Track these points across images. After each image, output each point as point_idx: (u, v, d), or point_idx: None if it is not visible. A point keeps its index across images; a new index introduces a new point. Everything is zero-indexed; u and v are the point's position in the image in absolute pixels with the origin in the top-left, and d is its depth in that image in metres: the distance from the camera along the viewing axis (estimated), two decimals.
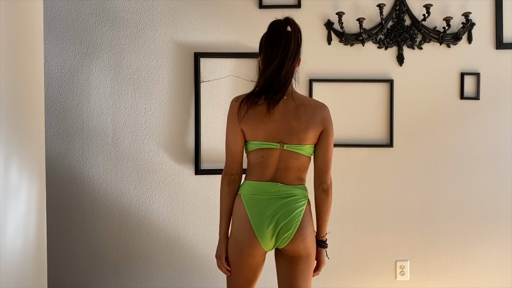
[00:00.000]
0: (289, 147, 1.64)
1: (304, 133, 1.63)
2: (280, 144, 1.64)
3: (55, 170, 2.50)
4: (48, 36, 2.48)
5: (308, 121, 1.63)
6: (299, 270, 1.69)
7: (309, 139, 1.64)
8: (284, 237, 1.64)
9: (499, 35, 2.52)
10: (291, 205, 1.64)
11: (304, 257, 1.68)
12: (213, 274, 2.54)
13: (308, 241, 1.66)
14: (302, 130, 1.63)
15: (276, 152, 1.65)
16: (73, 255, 2.53)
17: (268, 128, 1.64)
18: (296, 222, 1.63)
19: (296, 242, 1.65)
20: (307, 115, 1.64)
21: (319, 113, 1.65)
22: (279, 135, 1.64)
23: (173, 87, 2.52)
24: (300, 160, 1.66)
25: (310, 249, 1.68)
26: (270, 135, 1.64)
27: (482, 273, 2.58)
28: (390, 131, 2.53)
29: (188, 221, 2.54)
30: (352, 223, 2.57)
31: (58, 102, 2.51)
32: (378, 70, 2.54)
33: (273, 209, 1.64)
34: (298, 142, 1.64)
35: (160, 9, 2.52)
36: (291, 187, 1.66)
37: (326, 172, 1.67)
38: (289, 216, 1.63)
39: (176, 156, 2.53)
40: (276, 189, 1.65)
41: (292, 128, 1.63)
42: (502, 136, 2.56)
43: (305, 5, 2.53)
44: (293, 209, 1.64)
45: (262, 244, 1.65)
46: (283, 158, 1.65)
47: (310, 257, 1.70)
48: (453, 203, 2.57)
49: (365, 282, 2.57)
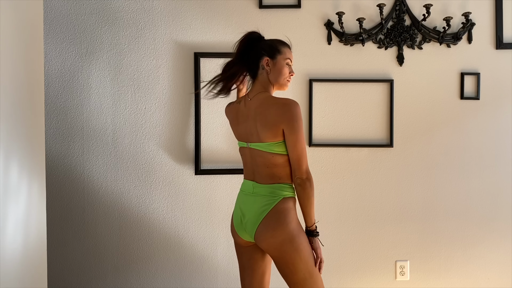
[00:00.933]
0: (252, 145, 1.75)
1: (262, 131, 1.70)
2: (247, 143, 1.78)
3: (55, 170, 2.50)
4: (48, 36, 2.48)
5: (264, 120, 1.70)
6: (283, 274, 1.71)
7: (267, 137, 1.70)
8: (249, 234, 1.75)
9: (499, 35, 2.52)
10: (258, 204, 1.72)
11: (278, 259, 1.68)
12: (213, 274, 2.54)
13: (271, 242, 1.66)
14: (260, 128, 1.71)
15: (246, 150, 1.79)
16: (73, 255, 2.53)
17: (239, 128, 1.82)
18: (255, 221, 1.70)
19: (258, 241, 1.72)
20: (265, 114, 1.71)
21: (277, 111, 1.68)
22: (246, 134, 1.78)
23: (173, 87, 2.52)
24: (264, 157, 1.72)
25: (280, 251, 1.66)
26: (241, 135, 1.81)
27: (482, 273, 2.58)
28: (390, 131, 2.53)
29: (188, 221, 2.54)
30: (352, 223, 2.57)
31: (58, 102, 2.51)
32: (378, 70, 2.54)
33: (246, 205, 1.76)
34: (258, 140, 1.73)
35: (160, 9, 2.52)
36: (263, 186, 1.73)
37: (298, 168, 1.68)
38: (253, 214, 1.72)
39: (176, 156, 2.53)
40: (251, 187, 1.76)
41: (253, 127, 1.73)
42: (502, 136, 2.56)
43: (305, 5, 2.53)
44: (258, 207, 1.71)
45: (240, 234, 1.79)
46: (252, 156, 1.77)
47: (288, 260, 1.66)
48: (453, 203, 2.57)
49: (365, 282, 2.58)
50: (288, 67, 1.78)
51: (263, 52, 1.77)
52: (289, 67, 1.78)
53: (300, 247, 1.66)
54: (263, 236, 1.68)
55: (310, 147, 2.53)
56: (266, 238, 1.68)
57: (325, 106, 2.55)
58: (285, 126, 1.67)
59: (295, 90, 2.53)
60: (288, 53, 1.78)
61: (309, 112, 2.52)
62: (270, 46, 1.78)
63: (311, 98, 2.52)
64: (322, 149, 2.55)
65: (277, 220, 1.67)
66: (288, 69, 1.78)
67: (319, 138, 2.54)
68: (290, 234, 1.66)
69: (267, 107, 1.70)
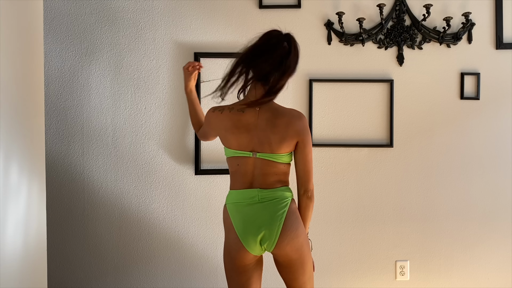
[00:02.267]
0: (260, 155, 1.67)
1: (277, 143, 1.65)
2: (253, 153, 1.68)
3: (55, 170, 2.50)
4: (48, 36, 2.48)
5: (280, 132, 1.64)
6: (294, 277, 1.66)
7: (281, 149, 1.66)
8: (268, 242, 1.64)
9: (499, 35, 2.52)
10: (271, 209, 1.64)
11: (296, 261, 1.65)
12: (213, 274, 2.54)
13: (295, 243, 1.64)
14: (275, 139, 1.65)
15: (249, 160, 1.68)
16: (73, 255, 2.53)
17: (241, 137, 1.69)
18: (278, 226, 1.62)
19: (281, 246, 1.63)
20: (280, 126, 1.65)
21: (294, 124, 1.66)
22: (253, 144, 1.68)
23: (173, 87, 2.52)
24: (273, 166, 1.68)
25: (300, 251, 1.65)
26: (242, 144, 1.69)
27: (482, 273, 2.58)
28: (390, 131, 2.53)
29: (188, 221, 2.54)
30: (352, 223, 2.57)
31: (58, 102, 2.51)
32: (378, 70, 2.54)
33: (255, 214, 1.65)
34: (270, 150, 1.66)
35: (160, 9, 2.52)
36: (271, 190, 1.67)
37: (308, 181, 1.69)
38: (270, 220, 1.63)
39: (176, 156, 2.53)
40: (255, 194, 1.66)
41: (265, 137, 1.65)
42: (502, 136, 2.56)
43: (305, 5, 2.53)
44: (273, 212, 1.64)
45: (248, 249, 1.66)
46: (256, 166, 1.68)
47: (304, 260, 1.66)
48: (453, 203, 2.57)
49: (365, 282, 2.57)
50: None
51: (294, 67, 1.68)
52: None
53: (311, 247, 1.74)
54: (288, 238, 1.64)
55: None
56: (291, 239, 1.64)
57: (325, 106, 2.55)
58: (301, 139, 1.68)
59: (295, 90, 2.53)
60: None
61: (309, 112, 2.52)
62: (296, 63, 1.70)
63: (311, 98, 2.52)
64: (322, 149, 2.55)
65: (295, 219, 1.67)
66: None
67: (319, 138, 2.54)
68: (305, 234, 1.71)
69: (282, 119, 1.67)
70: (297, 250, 1.65)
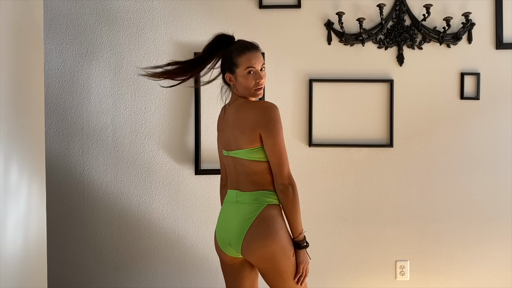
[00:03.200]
0: (232, 153, 1.67)
1: (240, 138, 1.62)
2: (228, 151, 1.69)
3: (55, 170, 2.50)
4: (48, 36, 2.48)
5: (240, 125, 1.62)
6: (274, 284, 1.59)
7: (244, 144, 1.61)
8: (235, 247, 1.61)
9: (499, 35, 2.52)
10: (242, 213, 1.60)
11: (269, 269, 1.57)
12: (213, 274, 2.54)
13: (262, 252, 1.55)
14: (237, 134, 1.63)
15: (228, 159, 1.70)
16: (73, 255, 2.53)
17: (222, 135, 1.74)
18: (241, 233, 1.57)
19: (246, 254, 1.59)
20: (241, 119, 1.63)
21: (253, 115, 1.60)
22: (226, 142, 1.71)
23: (173, 87, 2.52)
24: (243, 164, 1.63)
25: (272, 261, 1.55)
26: (223, 143, 1.73)
27: (482, 273, 2.58)
28: (390, 131, 2.53)
29: (188, 221, 2.54)
30: (352, 223, 2.57)
31: (58, 102, 2.51)
32: (378, 70, 2.54)
33: (229, 217, 1.64)
34: (236, 147, 1.64)
35: (160, 9, 2.52)
36: (246, 194, 1.62)
37: (279, 173, 1.58)
38: (237, 226, 1.59)
39: (176, 156, 2.53)
40: (235, 196, 1.66)
41: (231, 134, 1.66)
42: (502, 136, 2.55)
43: (305, 5, 2.53)
44: (241, 218, 1.59)
45: (224, 251, 1.66)
46: (234, 165, 1.68)
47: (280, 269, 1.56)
48: (453, 203, 2.57)
49: (365, 282, 2.57)
50: (253, 75, 1.61)
51: (222, 68, 1.69)
52: (255, 75, 1.61)
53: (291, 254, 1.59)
54: (252, 246, 1.55)
55: (310, 147, 2.53)
56: (256, 249, 1.55)
57: (325, 106, 2.55)
58: (262, 130, 1.57)
59: (295, 90, 2.53)
60: (246, 61, 1.61)
61: (309, 112, 2.52)
62: (227, 59, 1.65)
63: (311, 98, 2.52)
64: (322, 149, 2.55)
65: (266, 228, 1.56)
66: (253, 77, 1.61)
67: (319, 138, 2.54)
68: (282, 242, 1.56)
69: (243, 112, 1.62)
70: (268, 260, 1.55)
